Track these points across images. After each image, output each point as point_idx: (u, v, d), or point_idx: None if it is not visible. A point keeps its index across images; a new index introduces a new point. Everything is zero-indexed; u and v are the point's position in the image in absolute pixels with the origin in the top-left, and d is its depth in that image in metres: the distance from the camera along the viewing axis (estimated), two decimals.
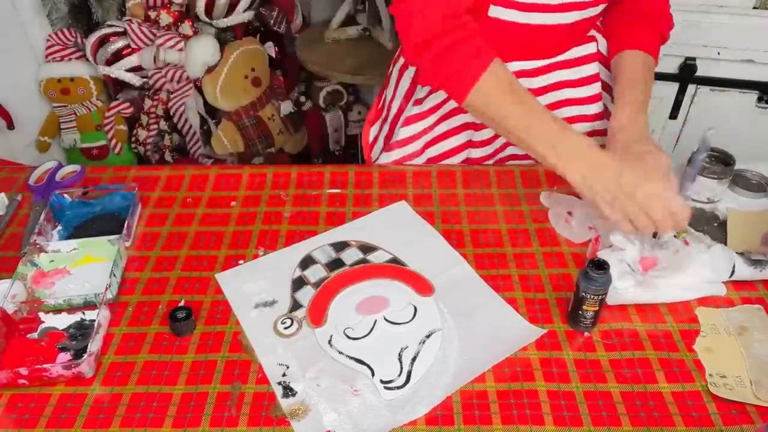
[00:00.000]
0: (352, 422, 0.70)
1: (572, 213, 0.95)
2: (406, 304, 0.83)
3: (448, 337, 0.79)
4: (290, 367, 0.76)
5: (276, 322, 0.81)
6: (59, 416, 0.71)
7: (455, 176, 1.06)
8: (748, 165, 1.04)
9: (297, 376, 0.75)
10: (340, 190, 1.03)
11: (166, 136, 1.94)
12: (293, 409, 0.71)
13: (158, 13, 1.78)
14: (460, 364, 0.76)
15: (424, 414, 0.71)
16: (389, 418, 0.70)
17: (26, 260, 0.87)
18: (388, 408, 0.71)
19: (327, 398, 0.72)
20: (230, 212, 0.99)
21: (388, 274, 0.88)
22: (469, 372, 0.75)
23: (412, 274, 0.88)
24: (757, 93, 1.53)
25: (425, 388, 0.73)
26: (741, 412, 0.71)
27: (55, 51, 1.81)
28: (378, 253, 0.91)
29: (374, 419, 0.70)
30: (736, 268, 0.85)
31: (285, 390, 0.73)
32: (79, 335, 0.80)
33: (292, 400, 0.72)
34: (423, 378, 0.74)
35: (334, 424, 0.70)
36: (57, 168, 1.07)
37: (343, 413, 0.71)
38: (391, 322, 0.81)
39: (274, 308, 0.83)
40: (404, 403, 0.72)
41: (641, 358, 0.77)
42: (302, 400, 0.72)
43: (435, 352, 0.77)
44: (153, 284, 0.87)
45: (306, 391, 0.73)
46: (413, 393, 0.73)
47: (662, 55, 1.51)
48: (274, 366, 0.76)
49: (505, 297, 0.84)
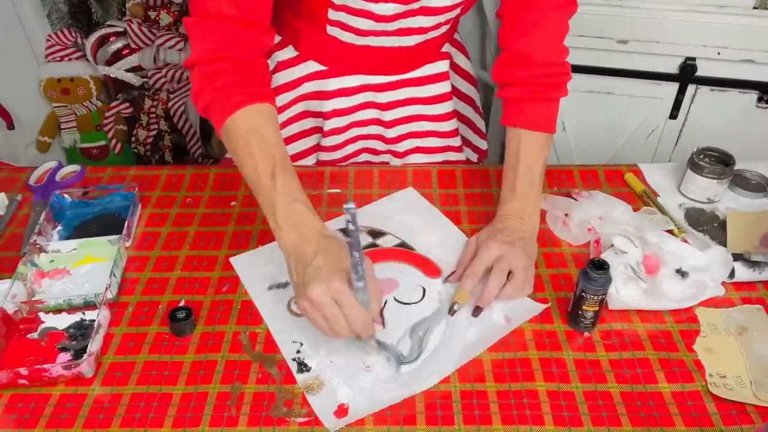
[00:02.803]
0: (365, 396, 0.72)
1: (569, 215, 0.95)
2: (416, 286, 0.85)
3: (456, 317, 0.81)
4: (304, 345, 0.78)
5: (290, 302, 0.84)
6: (59, 416, 0.71)
7: (455, 176, 1.06)
8: (748, 165, 1.04)
9: (310, 353, 0.77)
10: (340, 190, 1.03)
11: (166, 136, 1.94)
12: (308, 384, 0.74)
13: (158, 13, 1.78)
14: (469, 338, 0.79)
15: (434, 385, 0.73)
16: (401, 390, 0.73)
17: (26, 260, 0.87)
18: (399, 381, 0.74)
19: (341, 374, 0.75)
20: (230, 212, 0.99)
21: (397, 257, 0.90)
22: (477, 345, 0.78)
23: (420, 257, 0.90)
24: (757, 93, 1.53)
25: (436, 362, 0.76)
26: (741, 412, 0.71)
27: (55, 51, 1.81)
28: (386, 237, 0.94)
29: (386, 392, 0.73)
30: (735, 271, 0.85)
31: (300, 366, 0.76)
32: (79, 335, 0.80)
33: (306, 375, 0.75)
34: (434, 352, 0.77)
35: (347, 397, 0.72)
36: (57, 168, 1.07)
37: (357, 388, 0.73)
38: (401, 302, 0.83)
39: (288, 289, 0.85)
40: (416, 375, 0.74)
41: (641, 359, 0.77)
42: (316, 375, 0.75)
43: (443, 329, 0.80)
44: (153, 284, 0.87)
45: (320, 366, 0.76)
46: (424, 366, 0.75)
47: (662, 55, 1.53)
48: (288, 343, 0.78)
49: None
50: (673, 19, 1.48)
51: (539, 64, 0.89)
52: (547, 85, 0.90)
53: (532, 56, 0.89)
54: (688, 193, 1.00)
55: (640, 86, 1.59)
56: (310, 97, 1.03)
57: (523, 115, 0.91)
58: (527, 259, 0.83)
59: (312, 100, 1.03)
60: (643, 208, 0.97)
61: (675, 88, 1.57)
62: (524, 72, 0.90)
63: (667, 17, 1.48)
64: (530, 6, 0.88)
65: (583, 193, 0.99)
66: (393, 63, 0.99)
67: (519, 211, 0.89)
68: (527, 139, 0.90)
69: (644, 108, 1.62)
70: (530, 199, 0.90)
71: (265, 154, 0.75)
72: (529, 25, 0.89)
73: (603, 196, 0.98)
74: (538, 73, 0.89)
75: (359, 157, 1.11)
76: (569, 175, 1.06)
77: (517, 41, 0.90)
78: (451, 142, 1.11)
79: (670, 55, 1.54)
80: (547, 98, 0.91)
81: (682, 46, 1.51)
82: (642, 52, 1.53)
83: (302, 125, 1.07)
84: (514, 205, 0.90)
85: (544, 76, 0.90)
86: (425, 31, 0.93)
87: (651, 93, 1.59)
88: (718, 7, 1.47)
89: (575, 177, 1.06)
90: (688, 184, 1.00)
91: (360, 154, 1.11)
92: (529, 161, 0.90)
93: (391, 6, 0.86)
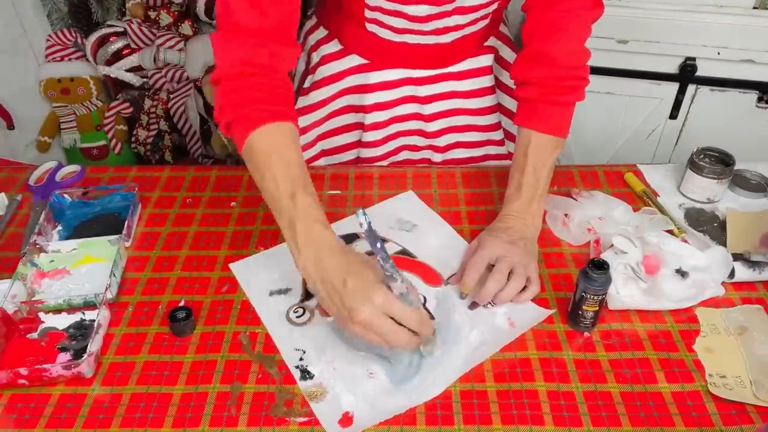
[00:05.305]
0: (369, 404, 0.72)
1: (569, 215, 0.95)
2: None
3: (459, 322, 0.80)
4: (306, 352, 0.78)
5: (288, 311, 0.83)
6: (59, 416, 0.71)
7: (455, 176, 1.06)
8: (748, 165, 1.04)
9: (313, 360, 0.77)
10: (340, 191, 1.03)
11: (166, 136, 1.94)
12: (311, 391, 0.73)
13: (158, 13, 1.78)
14: (472, 343, 0.78)
15: (437, 395, 0.72)
16: (405, 399, 0.72)
17: (26, 260, 0.87)
18: (403, 390, 0.73)
19: (343, 381, 0.74)
20: (230, 213, 0.99)
21: (397, 265, 0.88)
22: (480, 354, 0.77)
23: (421, 264, 0.89)
24: (757, 93, 1.53)
25: (439, 370, 0.75)
26: (741, 412, 0.71)
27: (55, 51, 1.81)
28: (387, 245, 0.93)
29: (390, 400, 0.72)
30: (735, 271, 0.85)
31: (303, 373, 0.75)
32: (79, 335, 0.80)
33: (309, 382, 0.74)
34: (436, 360, 0.76)
35: (351, 405, 0.72)
36: (57, 168, 1.07)
37: (360, 395, 0.72)
38: None
39: (289, 296, 0.85)
40: (418, 384, 0.74)
41: (641, 359, 0.77)
42: (320, 382, 0.74)
43: (445, 336, 0.78)
44: (153, 284, 0.87)
45: (323, 373, 0.75)
46: (427, 375, 0.74)
47: (662, 55, 1.53)
48: (291, 351, 0.78)
49: None
50: (673, 19, 1.48)
51: (559, 66, 0.89)
52: (563, 88, 0.90)
53: (552, 57, 0.88)
54: (688, 193, 1.00)
55: (640, 86, 1.59)
56: (352, 91, 1.04)
57: (536, 116, 0.91)
58: (528, 258, 0.83)
59: (354, 94, 1.05)
60: (643, 208, 0.97)
61: (675, 88, 1.57)
62: (542, 72, 0.89)
63: (667, 17, 1.48)
64: (555, 4, 0.88)
65: (583, 193, 0.99)
66: (433, 58, 1.00)
67: (522, 212, 0.89)
68: (537, 141, 0.90)
69: (644, 108, 1.62)
70: (534, 200, 0.90)
71: (285, 175, 0.74)
72: (552, 24, 0.88)
73: (603, 196, 0.98)
74: (557, 75, 0.89)
75: (399, 155, 1.11)
76: (569, 175, 1.06)
77: (539, 40, 0.89)
78: (492, 135, 1.10)
79: (670, 55, 1.54)
80: (563, 101, 0.90)
81: (682, 46, 1.51)
82: (642, 52, 1.53)
83: (344, 120, 1.08)
84: (518, 206, 0.89)
85: (562, 78, 0.89)
86: (462, 27, 0.93)
87: (651, 93, 1.59)
88: (718, 7, 1.47)
89: (575, 177, 1.06)
90: (688, 184, 1.00)
91: (400, 151, 1.11)
92: (537, 163, 0.90)
93: (424, 8, 0.87)
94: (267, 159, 0.75)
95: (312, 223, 0.72)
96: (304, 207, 0.73)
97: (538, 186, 0.90)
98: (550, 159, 0.91)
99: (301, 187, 0.74)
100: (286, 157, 0.76)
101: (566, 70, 0.89)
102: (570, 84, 0.90)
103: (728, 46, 1.48)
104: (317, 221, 0.73)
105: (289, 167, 0.75)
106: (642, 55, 1.54)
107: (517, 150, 0.92)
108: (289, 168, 0.75)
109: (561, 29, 0.88)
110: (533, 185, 0.90)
